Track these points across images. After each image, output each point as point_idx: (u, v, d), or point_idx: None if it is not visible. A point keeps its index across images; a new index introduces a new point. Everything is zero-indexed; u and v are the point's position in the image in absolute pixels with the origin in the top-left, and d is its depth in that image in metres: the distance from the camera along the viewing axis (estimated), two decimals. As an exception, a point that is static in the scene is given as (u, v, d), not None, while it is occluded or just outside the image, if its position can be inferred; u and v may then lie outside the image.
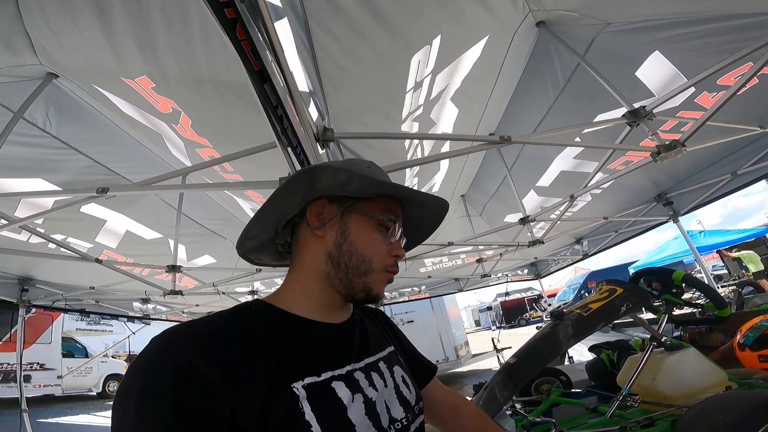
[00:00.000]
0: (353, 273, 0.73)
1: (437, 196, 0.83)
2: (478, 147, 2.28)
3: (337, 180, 0.74)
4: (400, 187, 0.77)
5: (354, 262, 0.73)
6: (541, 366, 2.10)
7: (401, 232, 0.81)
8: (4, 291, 4.28)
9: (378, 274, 0.75)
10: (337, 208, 0.76)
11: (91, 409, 10.03)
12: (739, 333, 2.42)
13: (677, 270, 2.24)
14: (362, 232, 0.75)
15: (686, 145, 2.14)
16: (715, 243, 12.63)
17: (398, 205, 0.81)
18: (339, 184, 0.74)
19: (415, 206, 0.84)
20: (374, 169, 0.82)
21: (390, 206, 0.79)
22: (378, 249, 0.76)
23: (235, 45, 1.00)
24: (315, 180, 0.74)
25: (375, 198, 0.77)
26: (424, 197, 0.81)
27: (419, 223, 0.89)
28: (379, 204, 0.78)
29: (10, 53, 1.85)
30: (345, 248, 0.74)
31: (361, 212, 0.76)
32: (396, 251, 0.78)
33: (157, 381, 0.52)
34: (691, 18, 2.06)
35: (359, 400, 0.65)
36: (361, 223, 0.76)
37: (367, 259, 0.74)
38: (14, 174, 2.58)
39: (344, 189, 0.75)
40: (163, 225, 3.80)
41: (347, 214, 0.76)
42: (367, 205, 0.77)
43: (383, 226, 0.77)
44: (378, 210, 0.77)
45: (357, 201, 0.76)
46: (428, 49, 2.00)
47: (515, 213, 4.60)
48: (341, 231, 0.75)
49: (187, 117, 2.13)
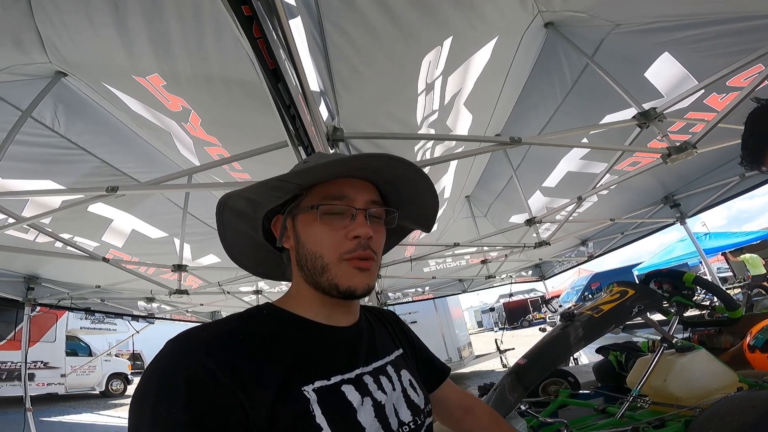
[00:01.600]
0: (314, 273, 0.71)
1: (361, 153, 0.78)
2: (488, 148, 2.27)
3: (242, 205, 0.75)
4: (300, 172, 0.70)
5: (309, 263, 0.71)
6: (551, 368, 2.09)
7: (356, 210, 0.71)
8: (10, 289, 4.29)
9: (337, 267, 0.69)
10: (286, 216, 0.76)
11: (94, 407, 10.07)
12: (749, 335, 2.40)
13: (688, 272, 2.23)
14: (307, 230, 0.72)
15: (697, 147, 2.12)
16: (720, 245, 12.58)
17: (341, 185, 0.72)
18: (250, 210, 0.76)
19: (373, 172, 0.75)
20: (311, 160, 0.78)
21: (330, 190, 0.72)
22: (327, 240, 0.70)
23: (251, 43, 1.00)
24: (237, 212, 0.76)
25: (310, 191, 0.73)
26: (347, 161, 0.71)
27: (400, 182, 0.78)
28: (314, 195, 0.73)
29: (20, 51, 1.86)
30: (301, 251, 0.73)
31: (302, 210, 0.73)
32: (352, 232, 0.69)
33: (171, 384, 0.53)
34: (702, 20, 2.05)
35: (368, 403, 0.66)
36: (305, 221, 0.73)
37: (318, 254, 0.70)
38: (23, 174, 2.59)
39: (258, 208, 0.75)
40: (169, 224, 3.81)
41: (294, 218, 0.75)
42: (305, 201, 0.73)
43: (327, 215, 0.70)
44: (311, 201, 0.72)
45: (295, 201, 0.74)
46: (439, 50, 1.99)
47: (521, 213, 4.58)
48: (295, 236, 0.74)
49: (197, 115, 2.13)
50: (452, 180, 3.87)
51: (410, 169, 0.75)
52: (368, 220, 0.72)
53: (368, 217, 0.72)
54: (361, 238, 0.70)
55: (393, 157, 0.71)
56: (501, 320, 25.98)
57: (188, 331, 0.62)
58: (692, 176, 4.31)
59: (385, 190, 0.79)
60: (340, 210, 0.71)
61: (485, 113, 2.97)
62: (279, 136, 1.63)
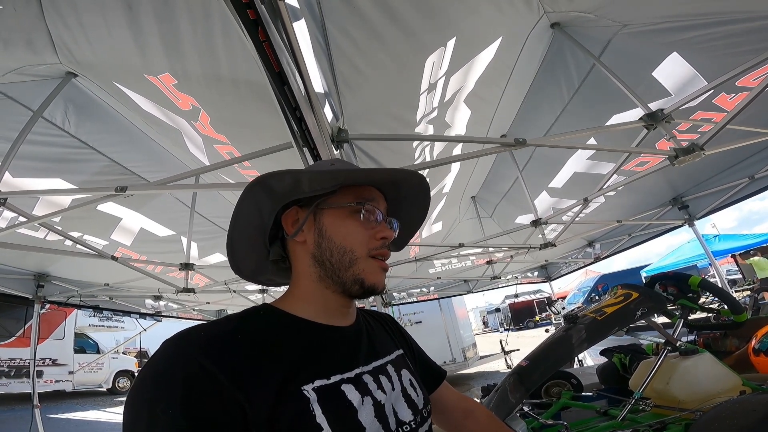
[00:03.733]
0: (339, 267, 0.73)
1: (400, 168, 0.81)
2: (492, 150, 2.27)
3: (286, 184, 0.74)
4: (353, 171, 0.77)
5: (336, 257, 0.73)
6: (553, 369, 2.09)
7: (380, 213, 0.78)
8: (21, 287, 4.35)
9: (365, 262, 0.74)
10: (308, 209, 0.76)
11: (101, 404, 10.16)
12: (754, 338, 2.39)
13: (693, 275, 2.22)
14: (336, 225, 0.75)
15: (705, 149, 2.11)
16: (729, 248, 12.42)
17: (371, 189, 0.80)
18: (291, 188, 0.74)
19: (392, 186, 0.83)
20: (337, 165, 0.82)
21: (361, 193, 0.78)
22: (357, 236, 0.75)
23: (256, 46, 1.02)
24: (269, 190, 0.74)
25: (340, 190, 0.76)
26: (384, 174, 0.80)
27: (411, 200, 0.88)
28: (347, 194, 0.77)
29: (31, 52, 1.89)
30: (325, 245, 0.74)
31: (330, 206, 0.76)
32: (381, 233, 0.76)
33: (168, 383, 0.53)
34: (711, 20, 2.03)
35: (368, 402, 0.66)
36: (333, 217, 0.75)
37: (348, 249, 0.73)
38: (34, 173, 2.63)
39: (300, 190, 0.75)
40: (176, 222, 3.85)
41: (319, 213, 0.76)
42: (335, 199, 0.76)
43: (357, 213, 0.76)
44: (348, 198, 0.76)
45: (325, 197, 0.76)
46: (442, 51, 2.00)
47: (527, 214, 4.56)
48: (317, 230, 0.75)
49: (207, 114, 2.16)
50: (454, 177, 3.87)
51: (422, 196, 0.87)
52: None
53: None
54: (386, 240, 0.77)
55: (416, 175, 0.81)
56: (507, 321, 25.87)
57: (185, 331, 0.61)
58: (701, 177, 4.25)
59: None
60: (372, 211, 0.77)
61: (486, 112, 2.96)
62: (287, 136, 1.65)
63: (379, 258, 0.76)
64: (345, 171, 0.76)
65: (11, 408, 8.60)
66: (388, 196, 0.83)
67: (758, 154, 3.61)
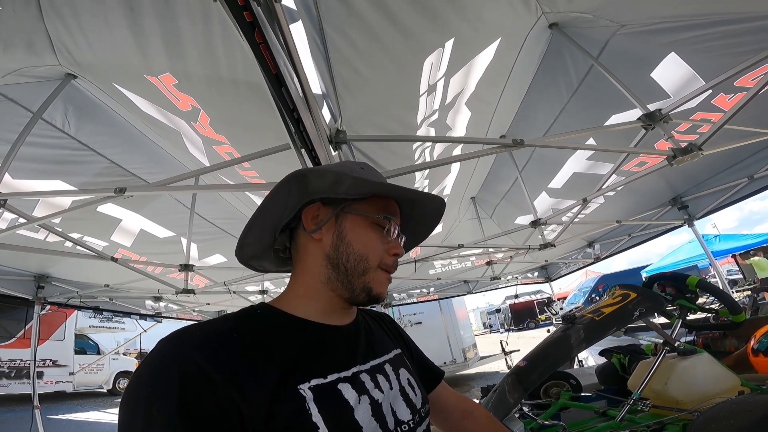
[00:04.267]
0: (353, 273, 0.74)
1: (432, 193, 0.83)
2: (491, 150, 2.27)
3: (326, 182, 0.74)
4: (392, 187, 0.78)
5: (352, 263, 0.74)
6: (551, 370, 2.09)
7: (398, 230, 0.80)
8: (21, 288, 4.36)
9: (375, 273, 0.75)
10: (332, 210, 0.76)
11: (101, 405, 10.14)
12: (753, 338, 2.39)
13: (691, 275, 2.22)
14: (358, 232, 0.75)
15: (703, 149, 2.11)
16: (730, 248, 12.41)
17: (394, 204, 0.81)
18: (329, 187, 0.75)
19: (412, 204, 0.84)
20: (367, 170, 0.82)
21: (385, 205, 0.79)
22: (375, 247, 0.76)
23: (253, 48, 1.02)
24: (305, 184, 0.74)
25: (368, 198, 0.77)
26: (417, 195, 0.81)
27: (420, 219, 0.89)
28: (374, 204, 0.78)
29: (30, 53, 1.89)
30: (342, 249, 0.74)
31: (355, 212, 0.76)
32: (395, 249, 0.78)
33: (164, 383, 0.53)
34: (708, 20, 2.04)
35: (365, 401, 0.66)
36: (356, 223, 0.76)
37: (365, 257, 0.74)
38: (34, 175, 2.63)
39: (335, 191, 0.75)
40: (176, 224, 3.85)
41: (342, 215, 0.76)
42: (360, 206, 0.77)
43: (379, 225, 0.77)
44: (372, 209, 0.77)
45: (351, 202, 0.76)
46: (441, 52, 2.00)
47: (526, 215, 4.57)
48: (337, 232, 0.75)
49: (206, 115, 2.17)
50: (454, 178, 3.87)
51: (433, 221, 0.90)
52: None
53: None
54: (398, 256, 0.79)
55: (441, 203, 0.85)
56: (507, 321, 25.85)
57: (181, 330, 0.61)
58: (701, 177, 4.25)
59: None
60: (391, 226, 0.78)
61: (486, 113, 2.97)
62: (285, 137, 1.65)
63: (388, 272, 0.78)
64: (385, 185, 0.77)
65: (11, 409, 8.60)
66: (403, 211, 0.85)
67: (757, 154, 3.61)
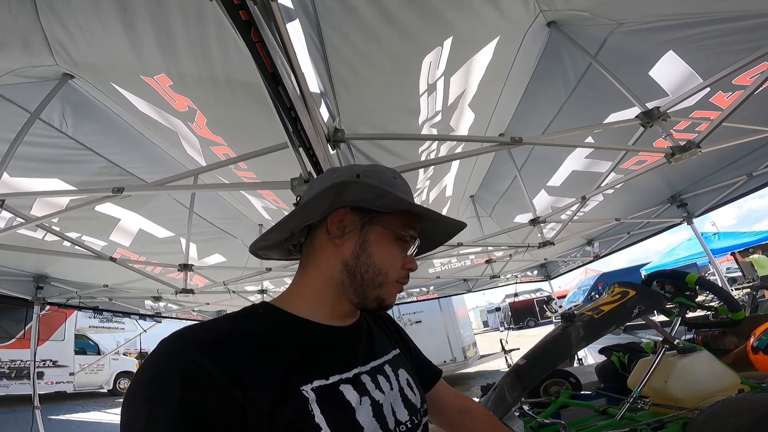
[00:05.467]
0: (369, 284, 0.74)
1: (457, 219, 0.85)
2: (490, 148, 2.27)
3: (367, 196, 0.75)
4: (427, 209, 0.79)
5: (370, 274, 0.74)
6: (550, 368, 2.08)
7: (415, 247, 0.82)
8: (20, 288, 4.35)
9: (391, 286, 0.77)
10: (359, 219, 0.76)
11: (102, 406, 10.16)
12: (752, 336, 2.38)
13: (691, 272, 2.21)
14: (381, 245, 0.76)
15: (701, 147, 2.11)
16: (729, 245, 12.43)
17: (418, 220, 0.82)
18: (371, 199, 0.75)
19: (434, 224, 0.85)
20: (399, 181, 0.83)
21: (410, 221, 0.80)
22: (394, 262, 0.77)
23: (249, 47, 1.02)
24: (343, 191, 0.74)
25: (397, 213, 0.78)
26: (441, 218, 0.82)
27: (432, 236, 0.90)
28: (400, 218, 0.78)
29: (27, 53, 1.89)
30: (363, 260, 0.74)
31: (382, 225, 0.77)
32: (409, 264, 0.79)
33: (166, 383, 0.53)
34: (706, 18, 2.03)
35: (366, 402, 0.66)
36: (381, 236, 0.76)
37: (384, 271, 0.75)
38: (31, 174, 2.63)
39: (373, 203, 0.75)
40: (175, 223, 3.85)
41: (368, 226, 0.76)
42: (388, 219, 0.77)
43: (401, 241, 0.78)
44: (399, 224, 0.78)
45: (379, 214, 0.76)
46: (439, 51, 2.00)
47: (525, 213, 4.57)
48: (360, 242, 0.75)
49: (203, 115, 2.17)
50: (454, 178, 3.87)
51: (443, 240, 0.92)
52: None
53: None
54: (411, 271, 0.81)
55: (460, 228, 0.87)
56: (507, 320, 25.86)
57: (183, 330, 0.61)
58: (699, 175, 4.26)
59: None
60: (410, 242, 0.80)
61: (486, 112, 2.97)
62: (282, 137, 1.64)
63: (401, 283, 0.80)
64: (422, 208, 0.78)
65: (12, 409, 8.60)
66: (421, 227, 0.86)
67: (756, 152, 3.62)
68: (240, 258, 4.79)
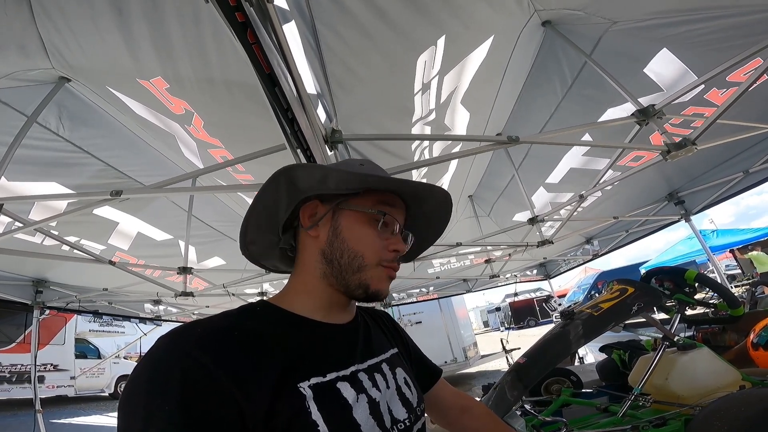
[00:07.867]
0: (346, 270, 0.73)
1: (432, 184, 0.81)
2: (486, 147, 2.27)
3: (314, 178, 0.74)
4: (384, 179, 0.76)
5: (346, 259, 0.73)
6: (551, 366, 2.09)
7: (400, 226, 0.79)
8: (19, 293, 4.35)
9: (373, 270, 0.74)
10: (328, 206, 0.76)
11: (103, 409, 10.13)
12: (752, 332, 2.39)
13: (690, 269, 2.22)
14: (353, 228, 0.75)
15: (697, 144, 2.12)
16: (727, 242, 12.46)
17: (395, 198, 0.80)
18: (317, 182, 0.74)
19: (420, 202, 0.83)
20: (367, 167, 0.82)
21: (383, 200, 0.78)
22: (370, 244, 0.75)
23: (246, 49, 1.02)
24: (294, 181, 0.74)
25: (366, 193, 0.77)
26: (415, 186, 0.80)
27: (430, 215, 0.88)
28: (371, 199, 0.77)
29: (23, 57, 1.88)
30: (337, 245, 0.74)
31: (350, 208, 0.76)
32: (394, 245, 0.77)
33: (164, 379, 0.52)
34: (699, 15, 2.04)
35: (363, 400, 0.66)
36: (351, 220, 0.75)
37: (359, 254, 0.73)
38: (29, 177, 2.63)
39: (326, 186, 0.74)
40: (174, 226, 3.85)
41: (338, 212, 0.76)
42: (357, 201, 0.76)
43: (375, 221, 0.76)
44: (368, 204, 0.76)
45: (346, 198, 0.76)
46: (434, 50, 2.00)
47: (524, 211, 4.57)
48: (333, 228, 0.75)
49: (200, 118, 2.16)
50: (450, 178, 3.87)
51: (442, 218, 0.89)
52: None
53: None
54: (398, 253, 0.77)
55: (444, 194, 0.82)
56: (507, 320, 25.85)
57: (181, 327, 0.61)
58: (696, 173, 4.28)
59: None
60: (390, 222, 0.77)
61: (483, 112, 2.97)
62: (280, 138, 1.65)
63: (390, 269, 0.77)
64: (375, 177, 0.76)
65: (14, 413, 8.59)
66: (411, 209, 0.84)
67: (752, 149, 3.63)
68: (239, 260, 4.78)
